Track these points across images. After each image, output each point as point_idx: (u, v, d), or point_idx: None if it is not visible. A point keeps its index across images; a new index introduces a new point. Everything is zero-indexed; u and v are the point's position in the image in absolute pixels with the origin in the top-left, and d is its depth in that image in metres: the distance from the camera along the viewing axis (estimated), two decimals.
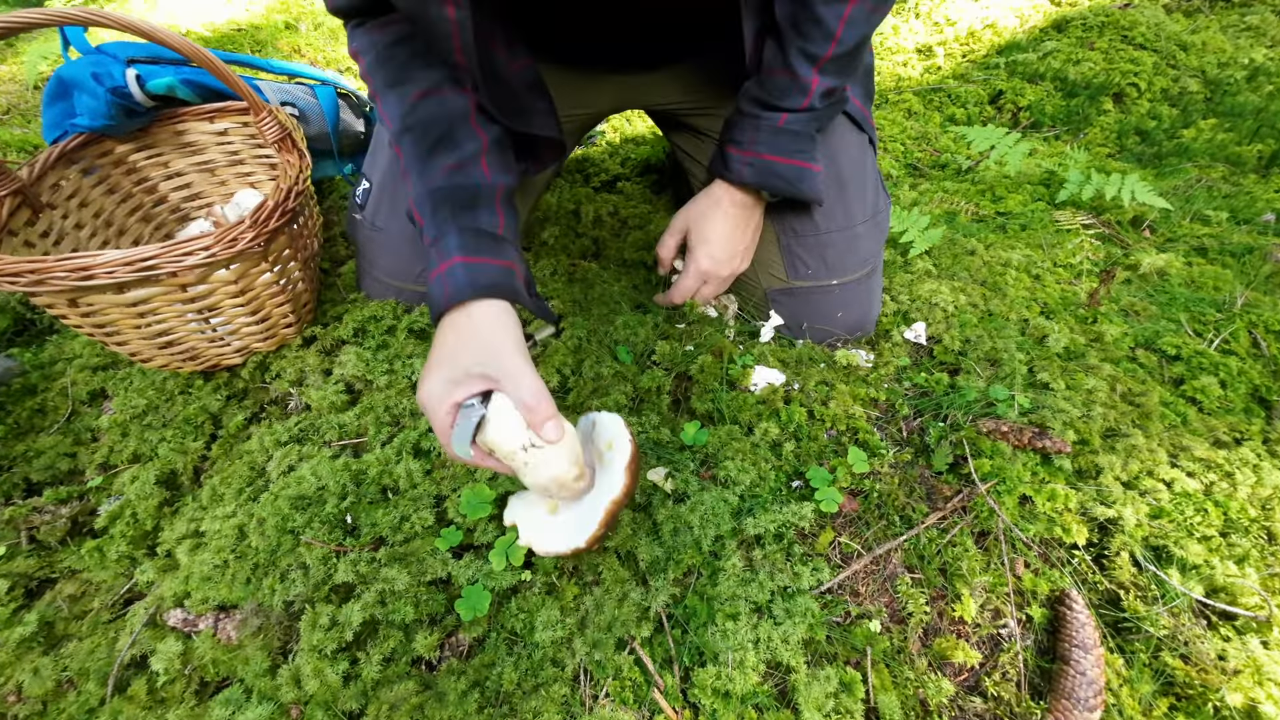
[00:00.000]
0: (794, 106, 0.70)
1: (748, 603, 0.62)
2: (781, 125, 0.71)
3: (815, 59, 0.67)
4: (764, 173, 0.73)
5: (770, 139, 0.72)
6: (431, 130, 0.65)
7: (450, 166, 0.64)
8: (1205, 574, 0.64)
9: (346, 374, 0.85)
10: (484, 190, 0.64)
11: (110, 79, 0.91)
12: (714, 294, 0.87)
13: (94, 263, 0.66)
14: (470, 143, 0.66)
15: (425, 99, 0.65)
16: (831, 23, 0.64)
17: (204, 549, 0.69)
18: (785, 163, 0.73)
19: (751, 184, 0.75)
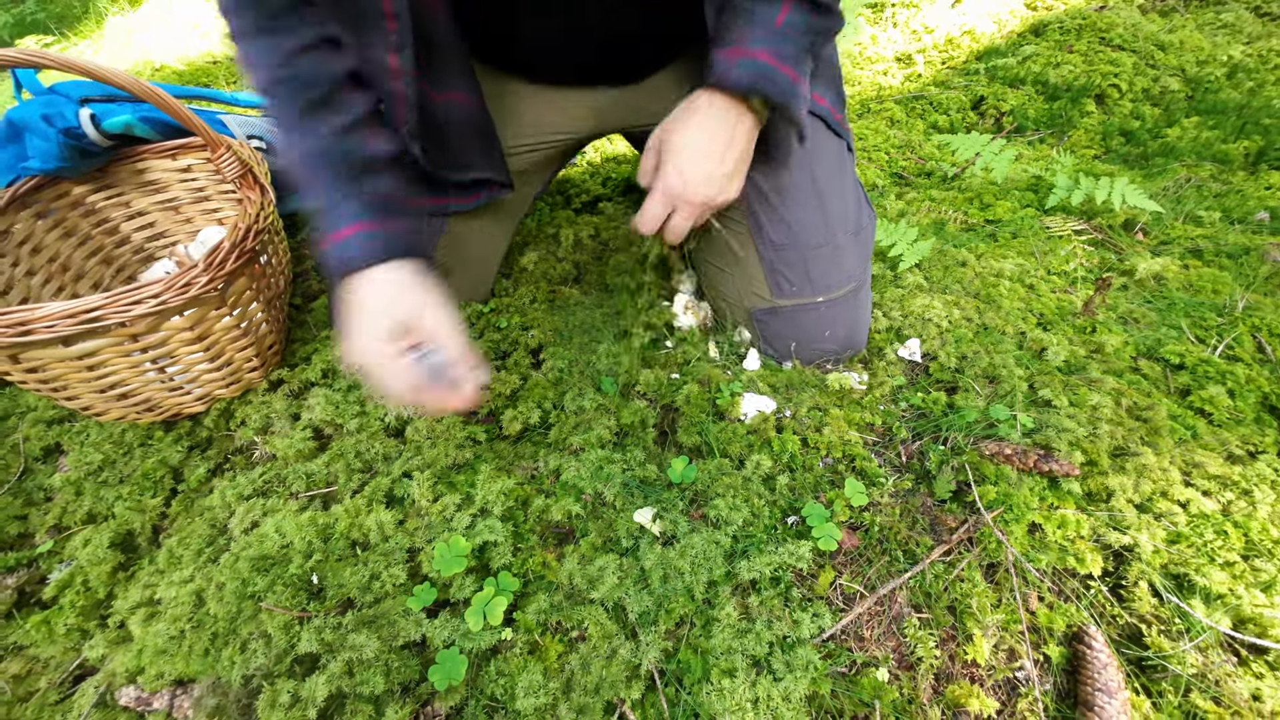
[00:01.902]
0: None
1: (745, 656, 0.58)
2: (779, 26, 0.61)
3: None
4: (757, 74, 0.60)
5: (766, 37, 0.61)
6: (313, 88, 0.60)
7: (337, 128, 0.60)
8: (1231, 604, 0.60)
9: (315, 418, 0.81)
10: (378, 157, 0.62)
11: (62, 119, 0.87)
12: (685, 226, 0.70)
13: (32, 316, 0.61)
14: (352, 108, 0.62)
15: (306, 55, 0.59)
16: None
17: (159, 618, 0.64)
18: (781, 68, 0.61)
19: (741, 85, 0.61)
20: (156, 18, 2.33)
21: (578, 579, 0.64)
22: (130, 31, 2.28)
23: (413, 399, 0.58)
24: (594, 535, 0.68)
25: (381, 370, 0.57)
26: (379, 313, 0.57)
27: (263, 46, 0.59)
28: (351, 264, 0.58)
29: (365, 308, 0.58)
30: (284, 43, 0.59)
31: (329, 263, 0.60)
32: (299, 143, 0.60)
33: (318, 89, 0.60)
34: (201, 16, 2.27)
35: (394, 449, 0.78)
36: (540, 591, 0.64)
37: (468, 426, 0.80)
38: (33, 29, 2.51)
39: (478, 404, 0.61)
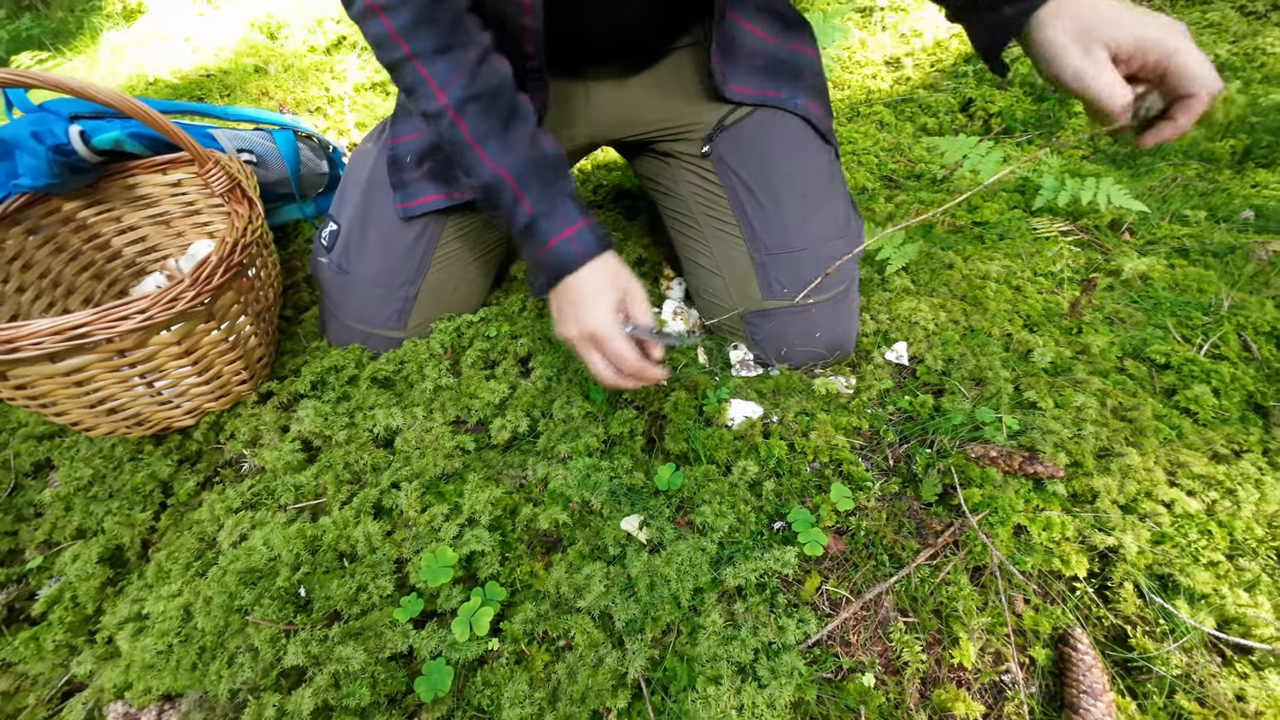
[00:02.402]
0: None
1: (730, 663, 0.58)
2: None
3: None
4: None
5: None
6: (500, 99, 0.65)
7: (529, 137, 0.67)
8: (1215, 604, 0.60)
9: (304, 430, 0.81)
10: (560, 159, 0.69)
11: (52, 137, 0.88)
12: None
13: (19, 334, 0.62)
14: (531, 114, 0.68)
15: (484, 66, 0.64)
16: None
17: (147, 633, 0.64)
18: None
19: None
20: (151, 32, 2.34)
21: (565, 588, 0.64)
22: (124, 46, 2.30)
23: (628, 367, 0.66)
24: (581, 543, 0.68)
25: (616, 345, 0.65)
26: (607, 291, 0.66)
27: (446, 65, 0.62)
28: (580, 258, 0.66)
29: (596, 290, 0.66)
30: (465, 57, 0.63)
31: (554, 261, 0.67)
32: (505, 157, 0.65)
33: (505, 98, 0.65)
34: (195, 31, 2.28)
35: (383, 459, 0.79)
36: (527, 601, 0.64)
37: (457, 436, 0.80)
38: (28, 45, 2.53)
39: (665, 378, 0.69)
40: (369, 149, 0.92)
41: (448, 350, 0.93)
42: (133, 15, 2.60)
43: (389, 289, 0.90)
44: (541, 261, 0.68)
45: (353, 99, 1.92)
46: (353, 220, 0.89)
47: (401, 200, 0.86)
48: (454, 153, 0.67)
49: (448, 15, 0.62)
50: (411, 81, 0.64)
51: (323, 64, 2.11)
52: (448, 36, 0.62)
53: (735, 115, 0.86)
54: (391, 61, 0.64)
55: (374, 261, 0.88)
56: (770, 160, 0.85)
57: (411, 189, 0.86)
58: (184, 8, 2.48)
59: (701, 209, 0.90)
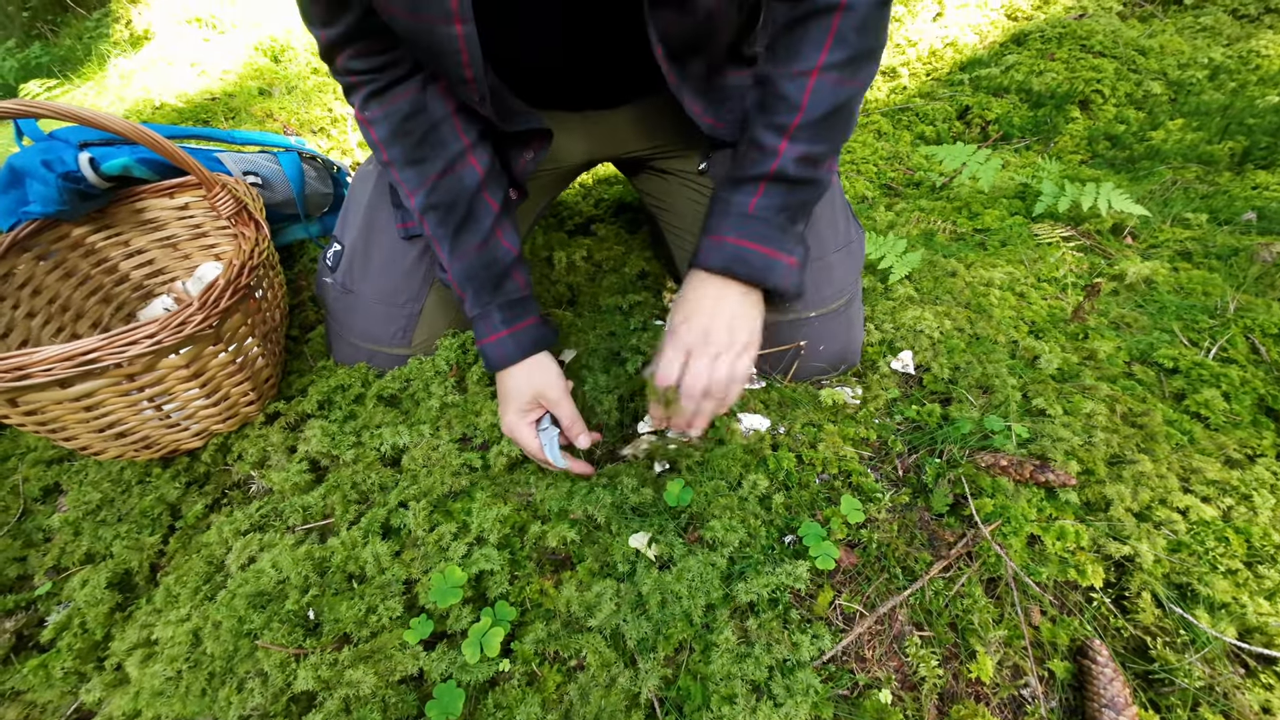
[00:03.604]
0: (763, 172, 0.66)
1: (744, 681, 0.57)
2: (751, 212, 0.67)
3: (782, 129, 0.64)
4: (731, 258, 0.67)
5: (738, 224, 0.67)
6: (455, 210, 0.74)
7: (477, 246, 0.75)
8: (1236, 613, 0.59)
9: (311, 450, 0.81)
10: (507, 262, 0.77)
11: (61, 164, 0.89)
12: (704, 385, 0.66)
13: (29, 361, 0.62)
14: (487, 217, 0.76)
15: (444, 178, 0.73)
16: (795, 95, 0.62)
17: (156, 659, 0.64)
18: (753, 248, 0.67)
19: (718, 269, 0.67)
20: (157, 58, 2.38)
21: (575, 606, 0.64)
22: (131, 72, 2.34)
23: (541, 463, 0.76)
24: (591, 561, 0.68)
25: (519, 439, 0.75)
26: (515, 397, 0.75)
27: (413, 175, 0.73)
28: (499, 363, 0.76)
29: (506, 394, 0.76)
30: (428, 170, 0.72)
31: (484, 359, 0.77)
32: (454, 264, 0.75)
33: (460, 209, 0.74)
34: (201, 56, 2.32)
35: (390, 479, 0.79)
36: (538, 620, 0.63)
37: (463, 453, 0.80)
38: (37, 73, 2.58)
39: (589, 471, 0.76)
40: (371, 170, 0.93)
41: (453, 367, 0.93)
42: (140, 42, 2.64)
43: (393, 307, 0.90)
44: (480, 353, 0.78)
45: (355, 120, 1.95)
46: (356, 240, 0.90)
47: (402, 220, 0.87)
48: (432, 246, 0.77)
49: (419, 129, 0.71)
50: (393, 181, 0.76)
51: (325, 85, 2.14)
52: (417, 150, 0.72)
53: None
54: (380, 163, 0.75)
55: (378, 280, 0.89)
56: None
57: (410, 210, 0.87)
58: (190, 34, 2.53)
59: (700, 225, 0.91)
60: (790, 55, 0.62)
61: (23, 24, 3.18)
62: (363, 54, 0.67)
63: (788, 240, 0.68)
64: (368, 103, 0.70)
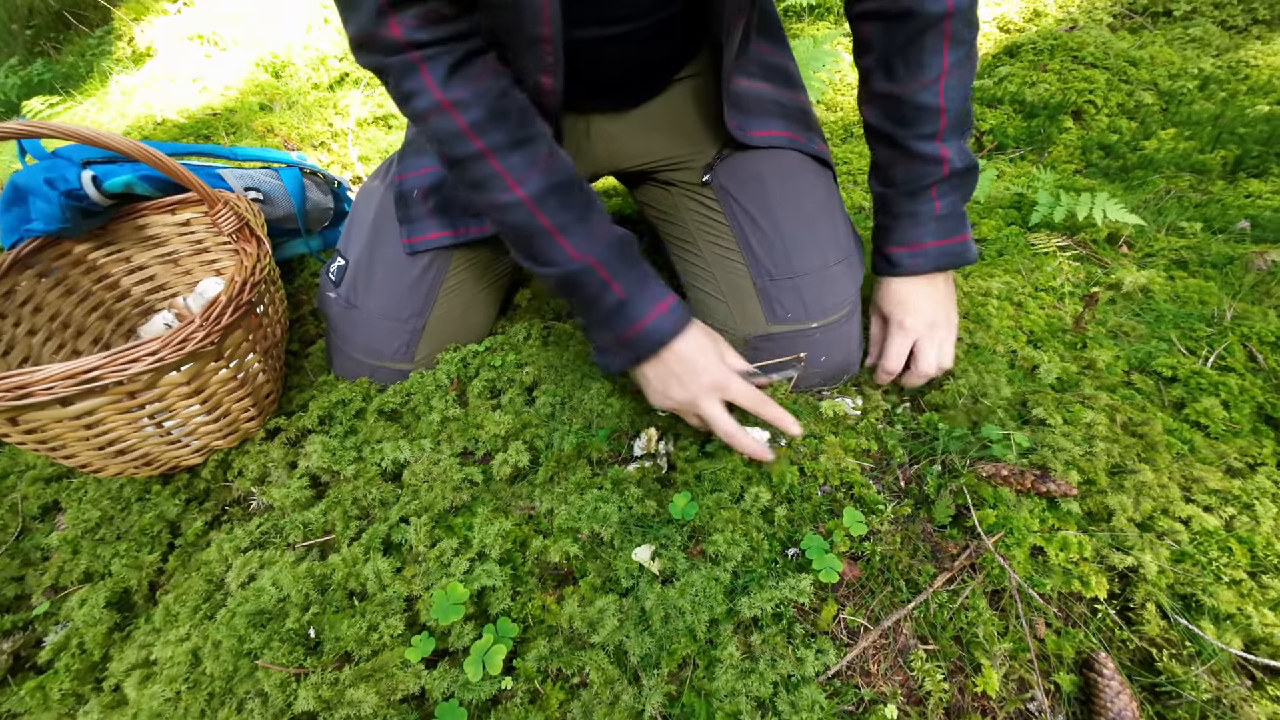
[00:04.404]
0: (938, 178, 0.73)
1: (749, 698, 0.57)
2: (939, 213, 0.75)
3: (933, 135, 0.70)
4: (939, 257, 0.77)
5: (934, 228, 0.76)
6: (574, 190, 0.67)
7: (606, 225, 0.69)
8: (1241, 624, 0.59)
9: (312, 466, 0.81)
10: (632, 240, 0.71)
11: (64, 182, 0.90)
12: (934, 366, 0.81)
13: (30, 379, 0.62)
14: (597, 199, 0.70)
15: (554, 158, 0.66)
16: (933, 102, 0.67)
17: (155, 680, 0.63)
18: (952, 242, 0.77)
19: (928, 270, 0.78)
20: (159, 74, 2.41)
21: (578, 622, 0.63)
22: (133, 88, 2.36)
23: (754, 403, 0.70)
24: (593, 575, 0.67)
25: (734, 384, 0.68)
26: (711, 349, 0.69)
27: (520, 160, 0.63)
28: (675, 330, 0.68)
29: (701, 351, 0.69)
30: (538, 150, 0.64)
31: (647, 339, 0.68)
32: (591, 246, 0.66)
33: (579, 188, 0.67)
34: (203, 72, 2.34)
35: (391, 494, 0.78)
36: (540, 636, 0.63)
37: (465, 468, 0.80)
38: (40, 89, 2.60)
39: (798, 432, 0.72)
40: (376, 186, 0.94)
41: (454, 381, 0.93)
42: (142, 59, 2.67)
43: (397, 322, 0.91)
44: (630, 340, 0.68)
45: (356, 134, 1.97)
46: (361, 255, 0.91)
47: (408, 235, 0.88)
48: (523, 240, 0.67)
49: (515, 108, 0.63)
50: (483, 176, 0.63)
51: (326, 100, 2.16)
52: (520, 130, 0.63)
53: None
54: (462, 156, 0.63)
55: (382, 296, 0.89)
56: (770, 187, 0.86)
57: (418, 224, 0.87)
58: (192, 50, 2.56)
59: (703, 235, 0.92)
60: (915, 70, 0.67)
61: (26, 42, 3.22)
62: (429, 20, 0.56)
63: (965, 219, 0.78)
64: (450, 81, 0.59)
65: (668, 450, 0.81)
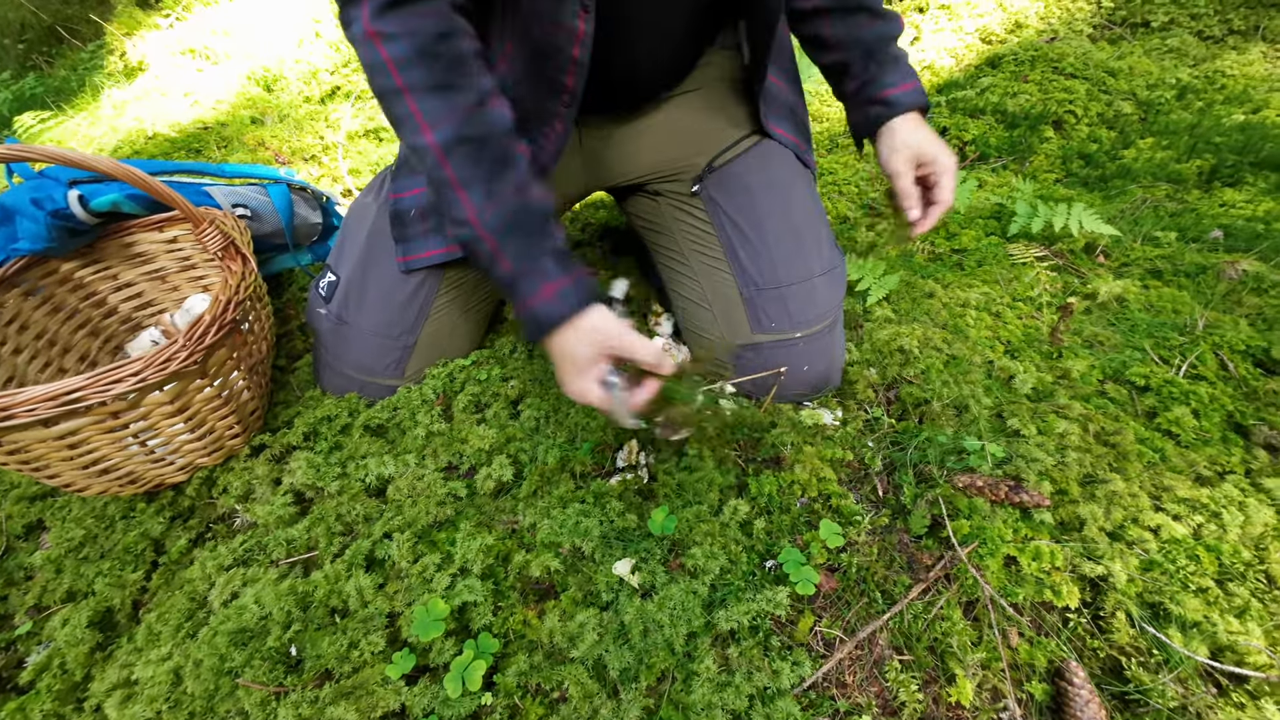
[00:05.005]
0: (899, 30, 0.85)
1: (725, 711, 0.57)
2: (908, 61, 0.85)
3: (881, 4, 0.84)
4: (920, 95, 0.84)
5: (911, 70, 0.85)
6: (488, 147, 0.64)
7: (514, 190, 0.65)
8: (1207, 631, 0.60)
9: (296, 483, 0.82)
10: (547, 211, 0.67)
11: (51, 202, 0.91)
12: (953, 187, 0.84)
13: (13, 401, 0.63)
14: (523, 161, 0.66)
15: (478, 111, 0.63)
16: None
17: (136, 700, 0.63)
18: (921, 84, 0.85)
19: (920, 105, 0.83)
20: (151, 89, 2.42)
21: (558, 637, 0.64)
22: (125, 103, 2.37)
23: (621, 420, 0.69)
24: (574, 590, 0.68)
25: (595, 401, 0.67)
26: (583, 351, 0.66)
27: (437, 104, 0.61)
28: (558, 319, 0.65)
29: (574, 353, 0.66)
30: (460, 99, 0.62)
31: (533, 322, 0.66)
32: (490, 210, 0.64)
33: (496, 144, 0.64)
34: (194, 86, 2.36)
35: (375, 509, 0.79)
36: (521, 651, 0.64)
37: (449, 483, 0.81)
38: (31, 104, 2.61)
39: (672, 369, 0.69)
40: (368, 202, 0.95)
41: (440, 396, 0.94)
42: (134, 73, 2.68)
43: (388, 339, 0.91)
44: (524, 318, 0.68)
45: (346, 147, 1.98)
46: (353, 272, 0.91)
47: (403, 254, 0.88)
48: (436, 192, 0.66)
49: (449, 53, 0.61)
50: (399, 114, 0.63)
51: (317, 113, 2.17)
52: (446, 75, 0.61)
53: (724, 157, 0.90)
54: (382, 90, 0.62)
55: (374, 313, 0.90)
56: (758, 199, 0.88)
57: (414, 243, 0.88)
58: (184, 64, 2.57)
59: (690, 245, 0.93)
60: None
61: (18, 56, 3.23)
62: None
63: None
64: (384, 15, 0.59)
65: (648, 461, 0.81)
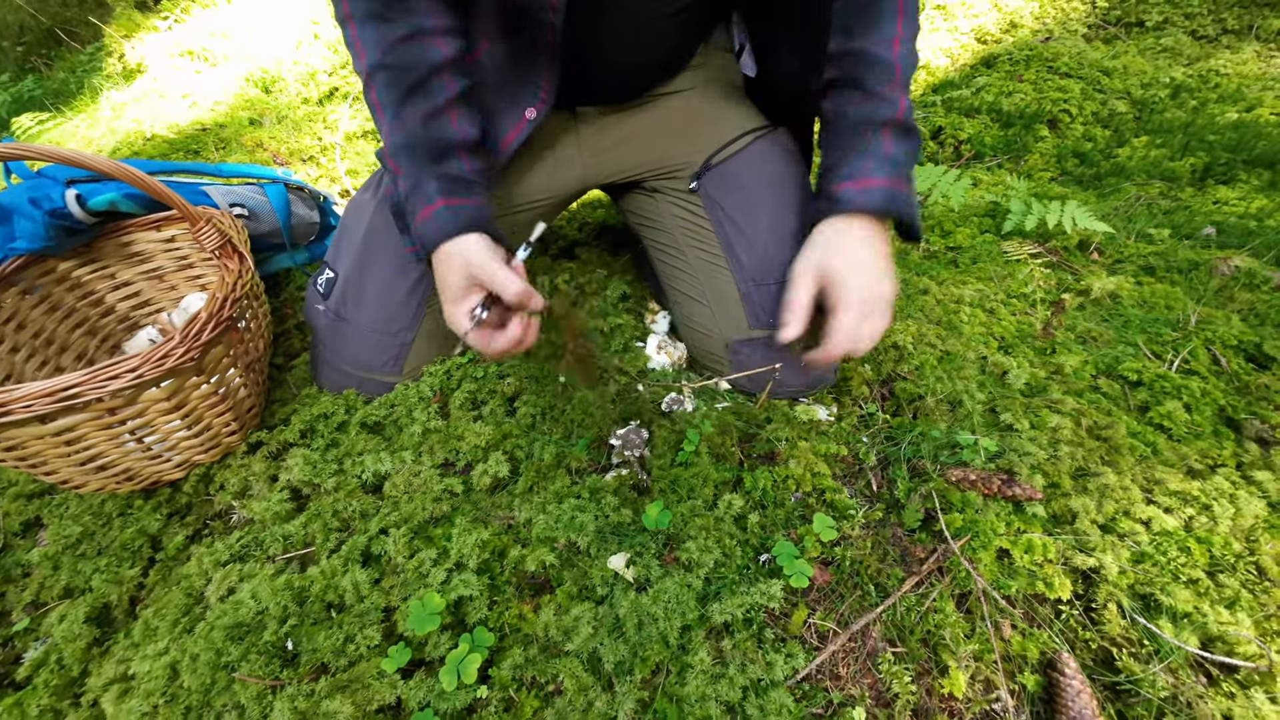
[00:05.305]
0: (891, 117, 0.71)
1: (719, 703, 0.58)
2: (889, 154, 0.71)
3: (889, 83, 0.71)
4: (885, 199, 0.70)
5: (884, 166, 0.71)
6: (408, 75, 0.68)
7: (423, 116, 0.69)
8: (1198, 622, 0.60)
9: (293, 479, 0.82)
10: (455, 141, 0.71)
11: (49, 201, 0.91)
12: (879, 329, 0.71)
13: (10, 397, 0.63)
14: (440, 94, 0.70)
15: (408, 42, 0.68)
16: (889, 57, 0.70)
17: (133, 694, 0.64)
18: (902, 190, 0.71)
19: (874, 210, 0.70)
20: (150, 91, 2.43)
21: (553, 630, 0.64)
22: (123, 104, 2.38)
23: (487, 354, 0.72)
24: (569, 584, 0.68)
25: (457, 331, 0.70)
26: (451, 278, 0.69)
27: (371, 32, 0.67)
28: (434, 241, 0.69)
29: (444, 281, 0.70)
30: (391, 30, 0.67)
31: (420, 243, 0.71)
32: (394, 134, 0.69)
33: (415, 74, 0.68)
34: (193, 88, 2.36)
35: (371, 506, 0.79)
36: (516, 645, 0.64)
37: (445, 479, 0.81)
38: (30, 106, 2.61)
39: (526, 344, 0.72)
40: (366, 199, 0.95)
41: (437, 393, 0.94)
42: (132, 75, 2.69)
43: (386, 336, 0.92)
44: (414, 239, 0.72)
45: (344, 147, 1.98)
46: (351, 269, 0.92)
47: (411, 243, 0.89)
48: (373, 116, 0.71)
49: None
50: (348, 41, 0.69)
51: (315, 114, 2.18)
52: (385, 8, 0.66)
53: (722, 155, 0.90)
54: (338, 17, 0.69)
55: (372, 309, 0.90)
56: (756, 195, 0.89)
57: None
58: (182, 66, 2.58)
59: (688, 241, 0.93)
60: (871, 27, 0.70)
61: (17, 58, 3.23)
62: None
63: (914, 184, 0.75)
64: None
65: (642, 455, 0.82)
